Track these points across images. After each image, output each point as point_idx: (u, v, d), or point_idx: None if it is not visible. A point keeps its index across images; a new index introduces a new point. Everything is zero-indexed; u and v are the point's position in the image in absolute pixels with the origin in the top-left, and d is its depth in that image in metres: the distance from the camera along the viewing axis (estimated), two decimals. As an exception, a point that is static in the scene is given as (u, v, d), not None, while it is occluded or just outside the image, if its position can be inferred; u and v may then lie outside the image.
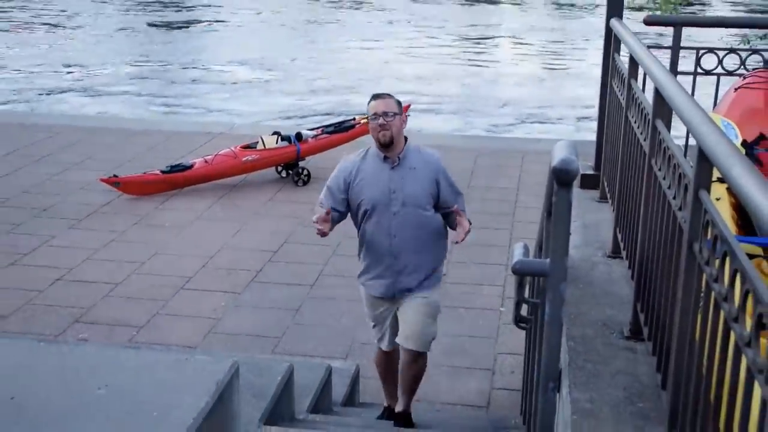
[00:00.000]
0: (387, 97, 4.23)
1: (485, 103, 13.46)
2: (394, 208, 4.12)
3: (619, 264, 3.48)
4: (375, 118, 4.12)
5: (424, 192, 4.15)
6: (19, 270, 5.58)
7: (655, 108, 2.75)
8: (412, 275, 4.19)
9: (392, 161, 4.17)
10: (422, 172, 4.19)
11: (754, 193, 1.49)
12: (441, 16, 23.95)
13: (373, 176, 4.17)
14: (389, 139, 4.08)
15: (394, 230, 4.13)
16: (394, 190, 4.12)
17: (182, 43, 18.83)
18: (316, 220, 3.99)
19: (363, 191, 4.16)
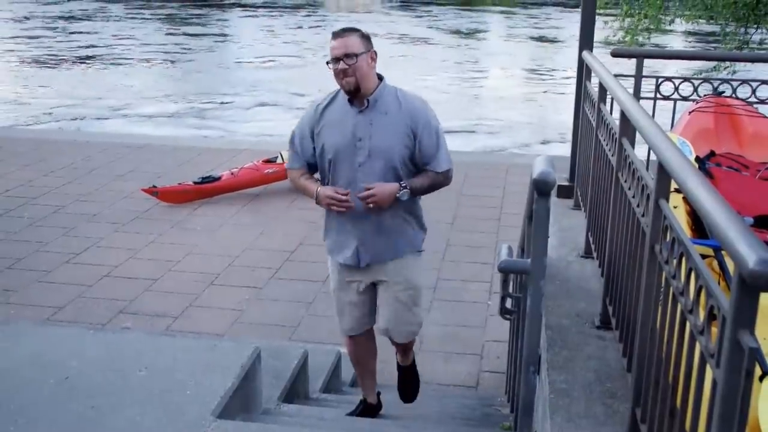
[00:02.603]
0: (348, 34, 3.14)
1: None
2: (359, 159, 3.16)
3: (591, 263, 3.47)
4: (335, 62, 3.10)
5: (395, 142, 3.15)
6: (73, 267, 5.58)
7: (621, 128, 2.75)
8: (380, 241, 3.28)
9: (360, 104, 3.16)
10: (396, 119, 3.17)
11: (705, 202, 1.49)
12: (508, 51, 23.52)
13: (337, 120, 3.21)
14: (354, 86, 3.10)
15: (358, 184, 3.17)
16: (360, 138, 3.15)
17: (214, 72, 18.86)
18: (335, 198, 3.11)
19: (326, 136, 3.23)
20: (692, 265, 1.59)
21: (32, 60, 20.06)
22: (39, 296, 5.08)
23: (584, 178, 4.01)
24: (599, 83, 3.50)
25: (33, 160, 8.29)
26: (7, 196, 7.08)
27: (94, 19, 29.01)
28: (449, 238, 6.27)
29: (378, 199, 3.15)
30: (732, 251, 1.27)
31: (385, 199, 3.17)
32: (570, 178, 4.75)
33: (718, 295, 1.40)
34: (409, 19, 32.49)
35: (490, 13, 35.83)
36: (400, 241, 3.35)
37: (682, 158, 1.81)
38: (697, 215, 3.02)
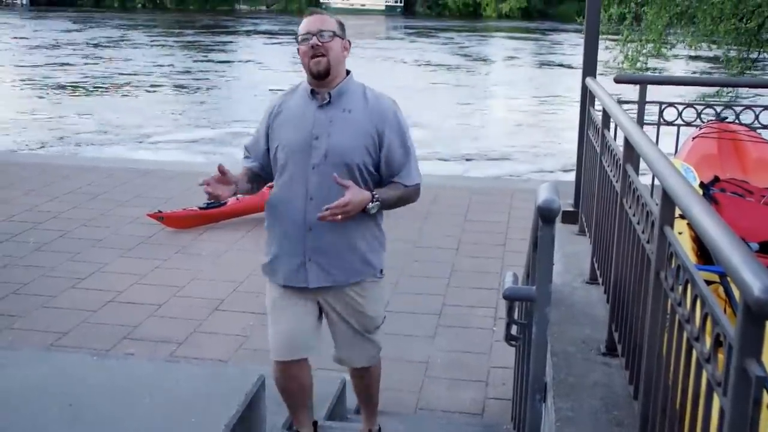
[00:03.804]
0: (324, 14, 2.85)
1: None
2: (314, 160, 2.76)
3: (596, 289, 3.46)
4: (306, 38, 2.74)
5: (356, 144, 2.76)
6: (77, 292, 5.58)
7: (625, 154, 2.76)
8: (334, 260, 2.82)
9: (321, 98, 2.80)
10: (359, 117, 2.79)
11: (709, 229, 1.49)
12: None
13: (294, 115, 2.85)
14: (325, 68, 2.73)
15: (312, 190, 2.76)
16: (317, 136, 2.76)
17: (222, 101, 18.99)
18: (205, 182, 2.77)
19: (280, 133, 2.85)
20: (697, 293, 1.59)
21: (66, 86, 20.27)
22: (43, 321, 5.08)
23: (589, 204, 4.02)
24: (603, 109, 3.52)
25: (39, 185, 8.33)
26: (12, 221, 7.11)
27: (120, 47, 29.39)
28: (454, 263, 6.27)
29: (351, 209, 2.68)
30: (737, 279, 1.27)
31: (355, 211, 2.72)
32: (575, 203, 4.76)
33: (723, 323, 1.39)
34: (433, 46, 32.76)
35: (514, 40, 36.17)
36: (359, 263, 2.90)
37: (685, 185, 1.81)
38: (702, 241, 3.02)
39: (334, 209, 2.65)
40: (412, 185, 2.91)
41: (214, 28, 41.41)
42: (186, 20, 46.15)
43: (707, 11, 13.07)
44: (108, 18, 46.52)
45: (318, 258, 2.84)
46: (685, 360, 1.71)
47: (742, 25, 13.37)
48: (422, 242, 6.75)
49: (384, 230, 3.05)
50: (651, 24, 13.26)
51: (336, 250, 2.84)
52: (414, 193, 2.97)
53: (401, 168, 2.86)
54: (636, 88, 4.52)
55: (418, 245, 6.67)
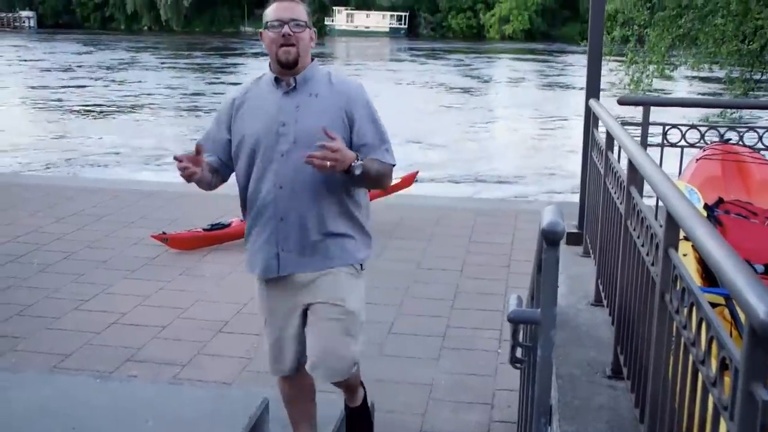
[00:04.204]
0: (294, 1, 2.74)
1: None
2: (282, 147, 2.69)
3: (601, 311, 3.45)
4: (277, 25, 2.66)
5: (326, 125, 2.64)
6: (81, 314, 5.58)
7: (628, 176, 2.76)
8: (302, 249, 2.76)
9: (286, 84, 2.73)
10: (327, 101, 2.72)
11: (713, 252, 1.50)
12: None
13: (259, 104, 2.77)
14: (294, 58, 2.68)
15: (281, 178, 2.70)
16: (284, 123, 2.70)
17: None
18: (179, 158, 2.61)
19: (244, 124, 2.77)
20: (703, 315, 1.58)
21: (78, 108, 20.47)
22: (47, 343, 5.07)
23: (593, 226, 4.01)
24: (606, 131, 3.53)
25: (43, 206, 8.35)
26: (17, 242, 7.12)
27: (132, 69, 29.71)
28: (458, 285, 6.25)
29: (340, 159, 2.55)
30: (742, 302, 1.27)
31: (342, 164, 2.58)
32: (579, 225, 4.76)
33: (729, 347, 1.39)
34: (443, 67, 32.98)
35: (523, 61, 36.44)
36: (334, 249, 2.82)
37: (689, 207, 1.81)
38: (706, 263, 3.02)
39: (325, 152, 2.54)
40: (388, 164, 2.82)
41: (223, 50, 41.79)
42: (195, 42, 46.58)
43: (709, 33, 13.13)
44: (117, 40, 46.97)
45: (291, 247, 2.78)
46: (691, 383, 1.70)
47: (745, 47, 13.43)
48: (426, 264, 6.74)
49: (370, 231, 2.97)
50: (654, 46, 13.32)
51: (309, 240, 2.77)
52: (388, 175, 2.87)
53: (376, 148, 2.77)
54: (640, 110, 4.54)
55: (421, 267, 6.66)
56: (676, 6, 13.31)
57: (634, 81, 13.46)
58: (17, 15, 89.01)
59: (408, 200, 8.52)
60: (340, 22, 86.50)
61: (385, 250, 6.97)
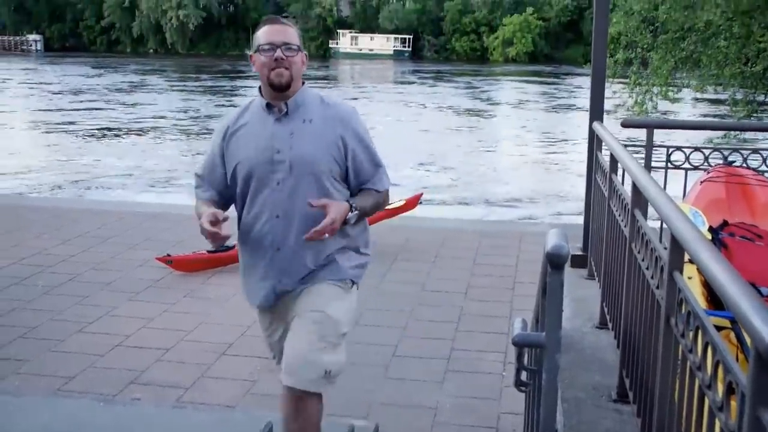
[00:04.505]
0: (287, 24, 2.71)
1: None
2: (279, 175, 2.64)
3: (606, 334, 3.44)
4: (270, 49, 2.62)
5: (322, 153, 2.64)
6: (85, 336, 5.57)
7: (633, 199, 2.77)
8: (301, 277, 2.74)
9: (278, 110, 2.68)
10: (321, 127, 2.68)
11: (718, 275, 1.49)
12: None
13: (251, 132, 2.71)
14: (287, 81, 2.63)
15: (278, 207, 2.65)
16: (279, 150, 2.64)
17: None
18: (206, 233, 2.56)
19: (237, 152, 2.71)
20: (708, 340, 1.58)
21: (90, 131, 20.62)
22: (50, 366, 5.06)
23: (598, 248, 4.01)
24: (610, 154, 3.54)
25: (49, 228, 8.37)
26: (22, 264, 7.13)
27: (142, 91, 29.98)
28: (463, 307, 6.24)
29: (337, 225, 2.57)
30: (747, 326, 1.27)
31: (340, 224, 2.60)
32: (583, 247, 4.76)
33: (735, 371, 1.38)
34: (452, 90, 33.19)
35: (532, 84, 36.69)
36: (326, 271, 2.78)
37: (694, 230, 1.81)
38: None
39: (320, 231, 2.54)
40: (383, 190, 2.82)
41: (231, 72, 42.12)
42: (202, 65, 46.99)
43: (712, 55, 13.20)
44: (125, 63, 47.36)
45: (287, 279, 2.75)
46: (697, 408, 1.69)
47: (748, 69, 13.50)
48: (430, 286, 6.73)
49: (367, 251, 2.93)
50: (657, 69, 13.39)
51: (306, 269, 2.74)
52: (385, 200, 2.89)
53: (371, 174, 2.76)
54: (643, 132, 4.55)
55: (426, 289, 6.65)
56: (679, 29, 13.40)
57: (638, 103, 13.53)
58: (24, 38, 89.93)
59: (413, 222, 8.52)
60: (345, 44, 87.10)
61: (390, 272, 6.96)
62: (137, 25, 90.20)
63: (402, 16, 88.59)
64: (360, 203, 2.70)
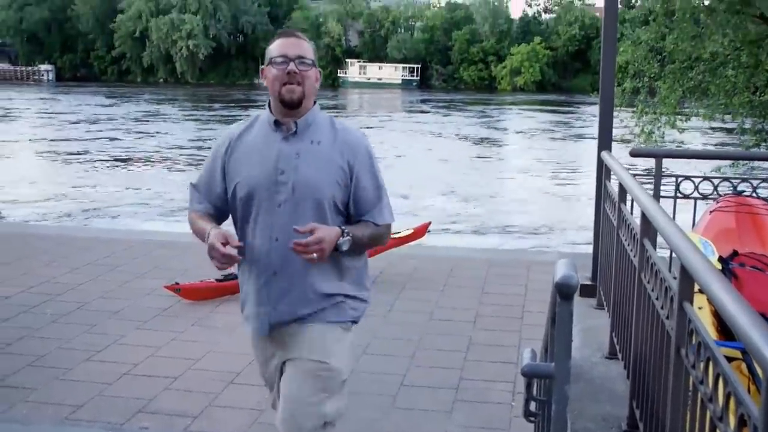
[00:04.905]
0: (302, 37, 2.58)
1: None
2: (281, 197, 2.51)
3: (616, 364, 3.42)
4: (283, 62, 2.49)
5: (326, 177, 2.53)
6: (93, 365, 5.57)
7: (642, 228, 2.77)
8: (297, 306, 2.60)
9: (286, 128, 2.55)
10: (329, 150, 2.55)
11: (729, 306, 1.49)
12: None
13: (255, 148, 2.58)
14: (299, 98, 2.51)
15: (277, 230, 2.52)
16: (283, 170, 2.51)
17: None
18: (218, 253, 2.45)
19: (240, 169, 2.58)
20: (720, 371, 1.57)
21: (110, 160, 20.82)
22: (58, 394, 5.05)
23: (607, 278, 4.00)
24: (619, 183, 3.54)
25: (58, 256, 8.40)
26: (30, 292, 7.15)
27: (157, 121, 30.31)
28: (471, 336, 6.21)
29: (326, 248, 2.42)
30: (758, 357, 1.26)
31: (329, 248, 2.45)
32: (592, 277, 4.75)
33: (747, 403, 1.38)
34: (466, 119, 33.40)
35: (546, 113, 36.90)
36: (329, 310, 2.65)
37: (704, 261, 1.81)
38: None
39: (307, 247, 2.40)
40: (383, 224, 2.67)
41: (243, 101, 42.48)
42: (215, 94, 47.41)
43: (721, 85, 13.24)
44: (137, 93, 47.85)
45: (283, 306, 2.60)
46: (709, 440, 1.68)
47: (756, 98, 13.53)
48: (438, 315, 6.71)
49: (368, 283, 2.80)
50: (665, 98, 13.43)
51: (304, 297, 2.59)
52: (385, 234, 2.73)
53: (372, 206, 2.62)
54: (652, 160, 4.56)
55: (434, 318, 6.63)
56: (686, 59, 13.46)
57: (645, 133, 13.57)
58: (36, 69, 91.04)
59: (421, 251, 8.52)
60: (353, 74, 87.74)
61: (398, 300, 6.95)
62: (147, 55, 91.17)
63: (410, 45, 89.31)
64: (354, 231, 2.56)
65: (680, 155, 8.41)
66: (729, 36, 13.12)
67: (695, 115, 14.72)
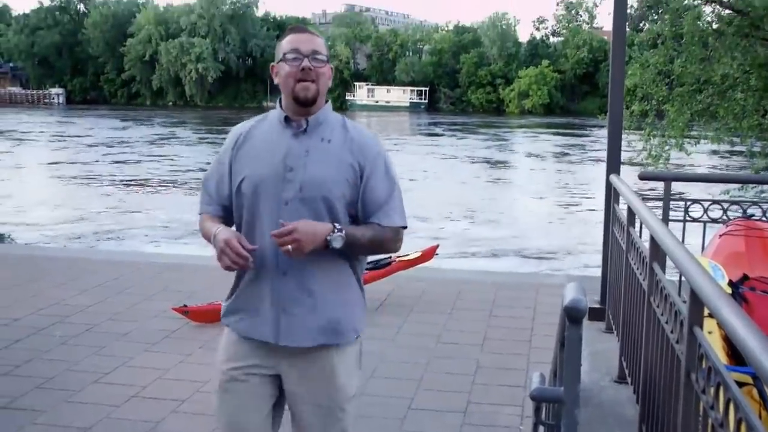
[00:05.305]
0: (314, 33, 2.48)
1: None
2: (287, 194, 2.41)
3: (625, 388, 3.40)
4: (296, 58, 2.40)
5: (336, 176, 2.43)
6: (101, 387, 5.56)
7: (651, 252, 2.76)
8: (306, 314, 2.46)
9: (297, 125, 2.46)
10: (339, 148, 2.46)
11: (739, 331, 1.49)
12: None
13: (264, 144, 2.49)
14: (313, 96, 2.42)
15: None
16: (291, 167, 2.42)
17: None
18: (234, 252, 2.36)
19: (247, 165, 2.49)
20: (730, 396, 1.57)
21: (128, 182, 20.99)
22: (67, 417, 5.05)
23: (616, 301, 3.99)
24: (628, 207, 3.55)
25: (67, 278, 8.43)
26: (39, 315, 7.17)
27: (172, 144, 30.56)
28: (479, 360, 6.19)
29: (300, 239, 2.30)
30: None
31: (309, 241, 2.32)
32: (601, 300, 4.73)
33: (758, 429, 1.37)
34: (481, 142, 33.56)
35: (561, 136, 37.08)
36: (344, 319, 2.52)
37: (713, 285, 1.81)
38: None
39: (277, 233, 2.31)
40: (389, 226, 2.50)
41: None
42: (228, 117, 47.70)
43: (729, 108, 13.25)
44: (150, 116, 48.20)
45: (292, 309, 2.45)
46: (720, 466, 1.67)
47: (766, 121, 13.51)
48: (446, 338, 6.69)
49: (363, 290, 2.69)
50: (673, 121, 13.44)
51: (313, 302, 2.45)
52: (392, 239, 2.54)
53: (378, 207, 2.48)
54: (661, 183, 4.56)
55: (442, 341, 6.61)
56: (695, 82, 13.48)
57: (653, 156, 13.57)
58: (47, 92, 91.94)
59: (429, 273, 8.51)
60: (361, 97, 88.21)
61: (406, 323, 6.94)
62: (157, 78, 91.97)
63: (418, 68, 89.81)
64: (350, 229, 2.43)
65: (689, 178, 8.41)
66: (738, 59, 13.15)
67: (704, 137, 14.71)
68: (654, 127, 14.18)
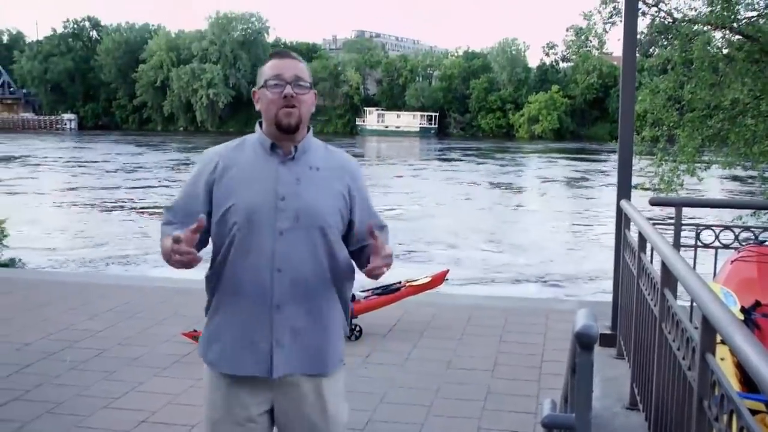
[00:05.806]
0: (297, 58, 2.43)
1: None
2: (282, 224, 2.34)
3: (637, 415, 3.38)
4: (278, 84, 2.35)
5: (330, 204, 2.42)
6: (111, 412, 5.56)
7: (662, 278, 2.76)
8: (301, 346, 2.41)
9: (285, 152, 2.40)
10: (328, 176, 2.44)
11: (752, 358, 1.49)
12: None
13: (251, 170, 2.39)
14: (296, 122, 2.36)
15: (279, 260, 2.34)
16: (284, 196, 2.36)
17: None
18: (176, 247, 2.22)
19: (234, 192, 2.38)
20: (743, 424, 1.56)
21: (149, 208, 21.18)
22: (75, 442, 5.05)
23: (627, 327, 3.97)
24: (639, 232, 3.55)
25: (78, 303, 8.46)
26: (50, 340, 7.19)
27: (189, 170, 31.00)
28: (489, 385, 6.16)
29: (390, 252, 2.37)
30: (782, 411, 1.26)
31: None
32: (612, 326, 4.71)
33: (772, 457, 1.37)
34: (499, 168, 33.69)
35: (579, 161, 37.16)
36: (332, 347, 2.50)
37: (726, 312, 1.81)
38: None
39: (386, 259, 2.33)
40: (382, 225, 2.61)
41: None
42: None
43: (740, 133, 13.25)
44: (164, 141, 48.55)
45: (286, 341, 2.39)
46: (734, 494, 1.66)
47: (776, 147, 13.49)
48: (456, 363, 6.67)
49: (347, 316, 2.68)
50: (684, 146, 13.45)
51: (308, 334, 2.42)
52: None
53: (369, 209, 2.56)
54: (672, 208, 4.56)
55: (451, 366, 6.58)
56: (705, 107, 13.50)
57: (665, 181, 13.56)
58: (59, 118, 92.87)
59: (439, 299, 8.50)
60: (371, 122, 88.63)
61: (416, 349, 6.92)
62: (168, 104, 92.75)
63: (428, 94, 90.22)
64: (383, 235, 2.51)
65: (700, 204, 8.39)
66: (748, 85, 13.16)
67: (715, 162, 14.70)
68: (665, 153, 14.18)
